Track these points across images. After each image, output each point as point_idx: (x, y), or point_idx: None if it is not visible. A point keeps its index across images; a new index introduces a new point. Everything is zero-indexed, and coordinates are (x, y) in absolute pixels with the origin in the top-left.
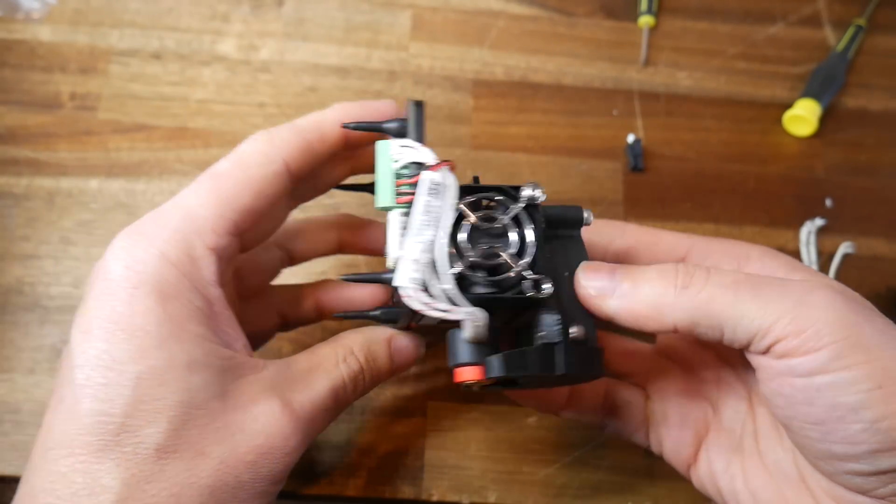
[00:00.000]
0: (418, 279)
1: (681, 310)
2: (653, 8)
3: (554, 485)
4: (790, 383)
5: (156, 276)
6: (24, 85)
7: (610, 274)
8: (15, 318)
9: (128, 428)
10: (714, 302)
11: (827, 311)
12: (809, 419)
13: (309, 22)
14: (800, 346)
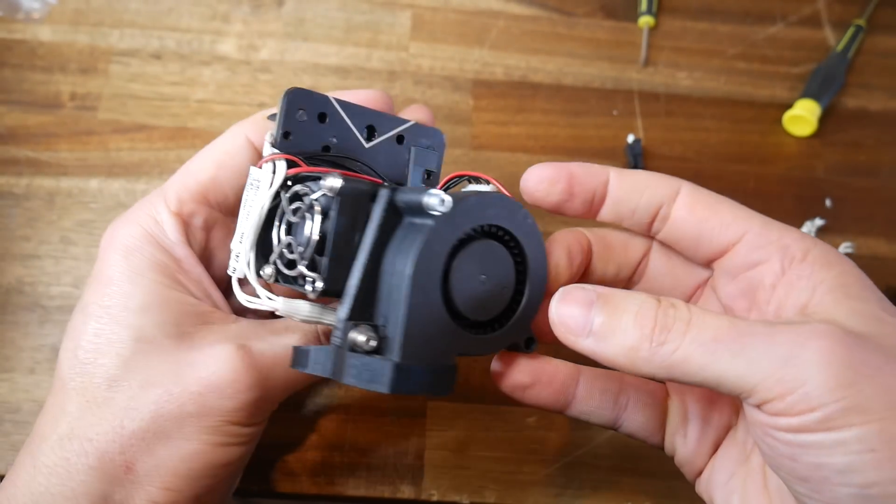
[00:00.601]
0: (242, 271)
1: (656, 367)
2: (653, 8)
3: (554, 485)
4: (773, 436)
5: (125, 237)
6: (25, 85)
7: (586, 304)
8: (15, 317)
9: (85, 360)
10: (690, 362)
11: (820, 372)
12: (794, 474)
13: (309, 22)
14: (787, 408)
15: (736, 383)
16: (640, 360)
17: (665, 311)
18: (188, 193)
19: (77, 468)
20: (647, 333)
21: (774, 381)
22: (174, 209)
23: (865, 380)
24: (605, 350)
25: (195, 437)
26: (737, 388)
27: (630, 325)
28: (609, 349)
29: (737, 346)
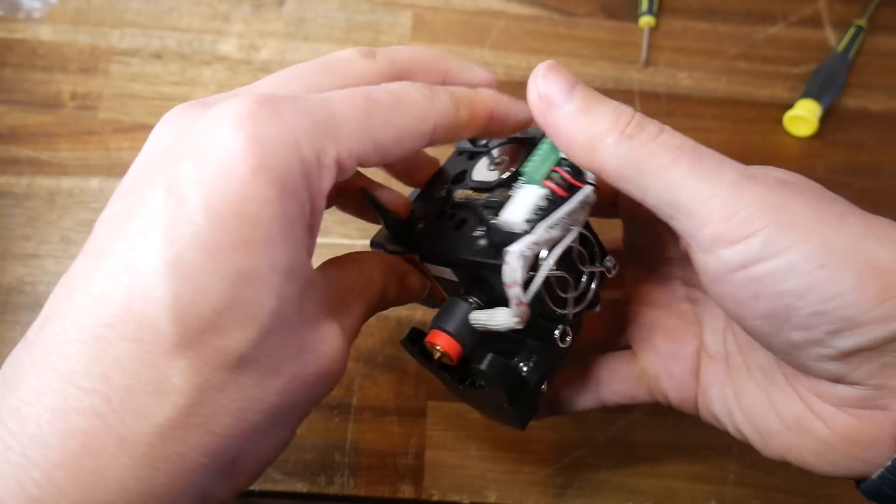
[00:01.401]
0: (526, 256)
1: (614, 156)
2: (653, 8)
3: (554, 485)
4: (731, 280)
5: (283, 165)
6: (25, 84)
7: (570, 86)
8: (16, 317)
9: (216, 328)
10: (650, 161)
11: (759, 196)
12: (759, 314)
13: (310, 22)
14: (727, 233)
15: (687, 201)
16: (602, 147)
17: (641, 118)
18: (359, 150)
19: (189, 464)
20: (620, 124)
21: (720, 200)
22: (341, 156)
23: (796, 199)
24: (573, 128)
25: (291, 426)
26: (687, 207)
27: (608, 112)
28: (576, 129)
29: (696, 162)
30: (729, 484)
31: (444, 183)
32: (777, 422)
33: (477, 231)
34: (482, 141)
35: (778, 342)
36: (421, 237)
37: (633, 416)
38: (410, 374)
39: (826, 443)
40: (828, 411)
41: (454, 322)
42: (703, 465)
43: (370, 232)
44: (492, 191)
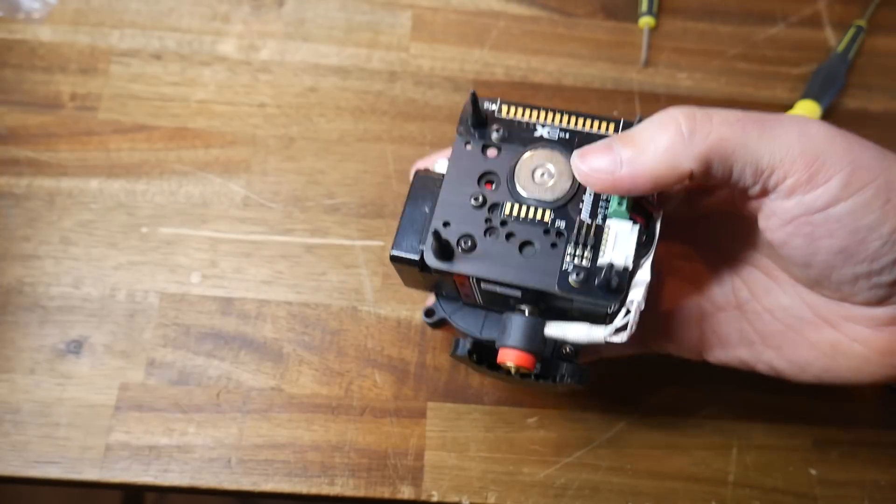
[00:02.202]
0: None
1: (692, 156)
2: (653, 8)
3: (554, 485)
4: (808, 221)
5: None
6: (25, 85)
7: (607, 149)
8: (15, 318)
9: None
10: (726, 142)
11: (827, 142)
12: (833, 250)
13: (309, 22)
14: (810, 179)
15: (763, 158)
16: (680, 155)
17: (684, 111)
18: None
19: None
20: (676, 131)
21: (798, 152)
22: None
23: (858, 146)
24: (644, 166)
25: None
26: (763, 163)
27: (656, 134)
28: (647, 163)
29: (759, 127)
30: (729, 484)
31: (466, 183)
32: (811, 350)
33: (565, 263)
34: (494, 132)
35: (841, 275)
36: (474, 258)
37: (633, 416)
38: (410, 374)
39: (864, 359)
40: (864, 333)
41: (528, 340)
42: (703, 465)
43: (370, 233)
44: (555, 211)
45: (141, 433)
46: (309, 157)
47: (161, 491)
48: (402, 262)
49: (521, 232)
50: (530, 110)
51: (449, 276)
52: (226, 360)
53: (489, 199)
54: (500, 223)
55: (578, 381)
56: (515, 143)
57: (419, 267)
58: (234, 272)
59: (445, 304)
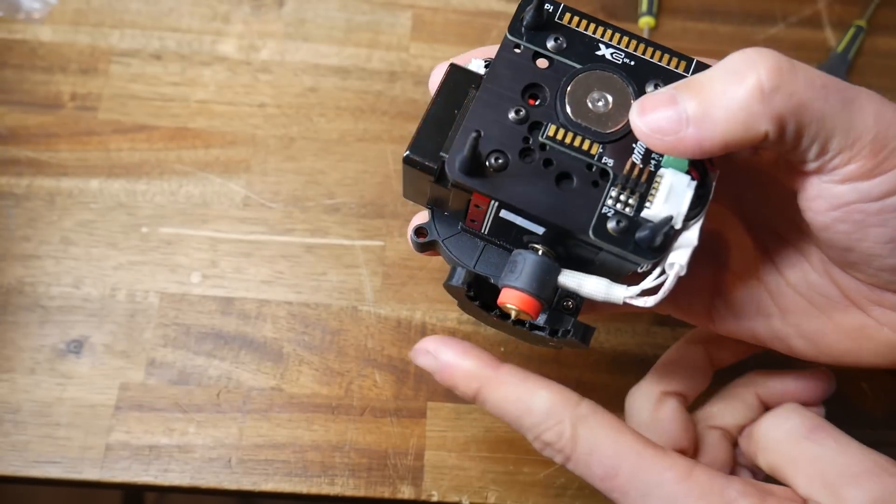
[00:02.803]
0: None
1: (770, 117)
2: (653, 8)
3: (554, 485)
4: (860, 209)
5: None
6: (25, 85)
7: (670, 101)
8: (15, 318)
9: None
10: (805, 109)
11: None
12: (881, 239)
13: (309, 22)
14: (876, 166)
15: (840, 142)
16: (757, 115)
17: (766, 59)
18: None
19: None
20: (755, 85)
21: (871, 138)
22: None
23: None
24: (714, 127)
25: None
26: (838, 146)
27: (730, 86)
28: (718, 123)
29: (841, 100)
30: None
31: (508, 93)
32: (836, 331)
33: (606, 207)
34: (552, 39)
35: (882, 264)
36: (503, 180)
37: None
38: (410, 374)
39: (890, 345)
40: (894, 318)
41: (539, 284)
42: None
43: (370, 233)
44: (603, 145)
45: (141, 433)
46: (309, 157)
47: (161, 491)
48: (416, 166)
49: (561, 161)
50: (596, 25)
51: (466, 194)
52: (226, 360)
53: (532, 115)
54: (540, 147)
55: (582, 340)
56: (572, 58)
57: (435, 177)
58: (235, 272)
59: (441, 225)
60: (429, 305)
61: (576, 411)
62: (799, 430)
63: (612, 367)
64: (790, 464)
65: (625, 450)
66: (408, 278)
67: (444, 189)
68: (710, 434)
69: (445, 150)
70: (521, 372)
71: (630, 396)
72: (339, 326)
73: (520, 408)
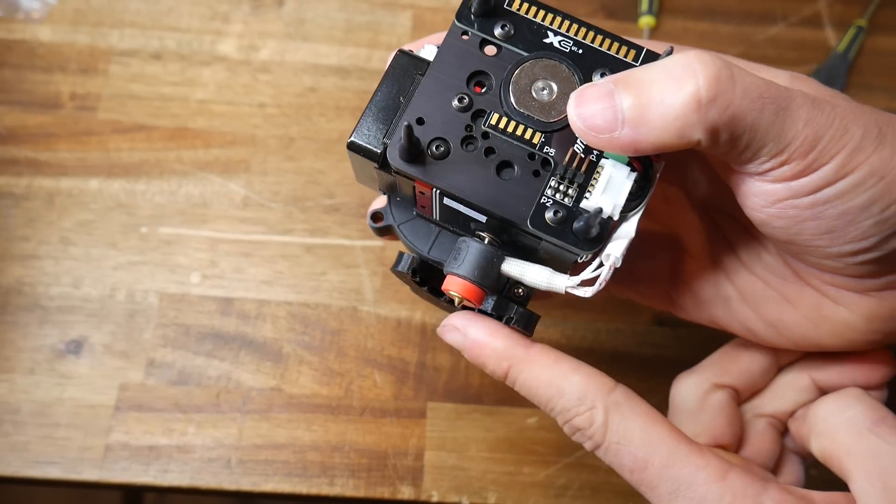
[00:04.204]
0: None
1: (704, 127)
2: (653, 8)
3: (554, 486)
4: (793, 205)
5: None
6: (25, 85)
7: (607, 96)
8: (15, 318)
9: None
10: (738, 121)
11: (831, 126)
12: (818, 231)
13: (309, 22)
14: (807, 166)
15: (773, 149)
16: (692, 125)
17: (706, 68)
18: None
19: None
20: (693, 95)
21: (800, 142)
22: None
23: (850, 125)
24: (649, 131)
25: None
26: (770, 153)
27: (668, 92)
28: (653, 128)
29: (775, 109)
30: None
31: (453, 80)
32: (794, 314)
33: (544, 197)
34: (499, 27)
35: (826, 253)
36: (444, 167)
37: None
38: (410, 374)
39: (848, 325)
40: (850, 298)
41: (481, 272)
42: None
43: (370, 233)
44: (545, 134)
45: (141, 433)
46: (309, 157)
47: (161, 491)
48: (360, 151)
49: (502, 150)
50: (546, 12)
51: (409, 181)
52: (226, 360)
53: (476, 103)
54: (482, 135)
55: (525, 328)
56: (519, 45)
57: (378, 163)
58: (234, 272)
59: (396, 210)
60: (429, 306)
61: (609, 397)
62: (862, 420)
63: (612, 367)
64: (848, 456)
65: (657, 442)
66: None
67: (390, 175)
68: (756, 423)
69: (389, 136)
70: (553, 352)
71: (678, 382)
72: (339, 326)
73: (551, 390)
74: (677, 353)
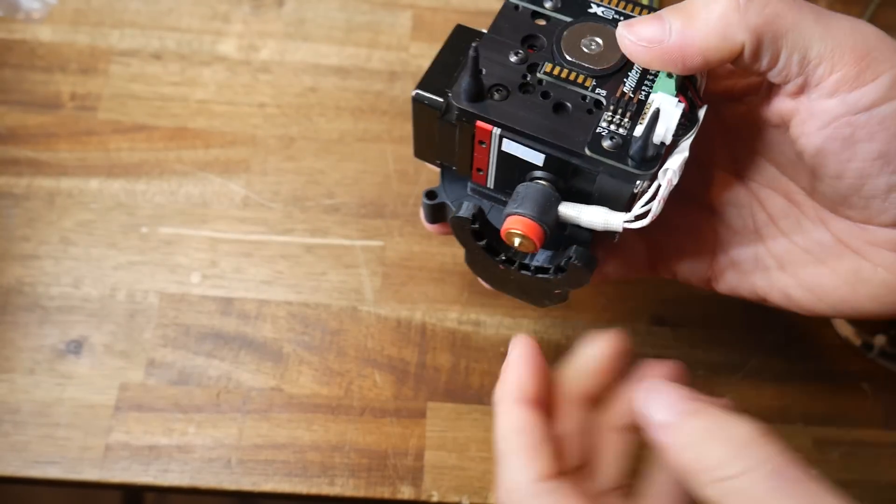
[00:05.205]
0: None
1: (746, 27)
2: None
3: None
4: (850, 122)
5: None
6: (25, 85)
7: (656, 18)
8: (15, 318)
9: None
10: (781, 19)
11: (880, 41)
12: (871, 154)
13: (309, 22)
14: (857, 75)
15: (818, 51)
16: (733, 26)
17: None
18: None
19: None
20: (731, 0)
21: (850, 45)
22: None
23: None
24: (695, 36)
25: None
26: (818, 55)
27: (710, 2)
28: (698, 33)
29: (815, 13)
30: None
31: (509, 41)
32: (832, 277)
33: (600, 128)
34: (547, 3)
35: (873, 185)
36: (505, 107)
37: None
38: (410, 374)
39: (887, 287)
40: (888, 258)
41: (541, 209)
42: None
43: (370, 233)
44: (596, 79)
45: (141, 433)
46: (309, 157)
47: (161, 491)
48: (424, 104)
49: (558, 93)
50: None
51: (470, 131)
52: (226, 360)
53: (530, 59)
54: (538, 82)
55: (586, 266)
56: (567, 14)
57: (442, 112)
58: (234, 272)
59: (450, 187)
60: (429, 305)
61: None
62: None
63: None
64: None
65: None
66: (408, 278)
67: (451, 127)
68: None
69: (450, 88)
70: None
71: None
72: (339, 326)
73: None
74: (677, 353)
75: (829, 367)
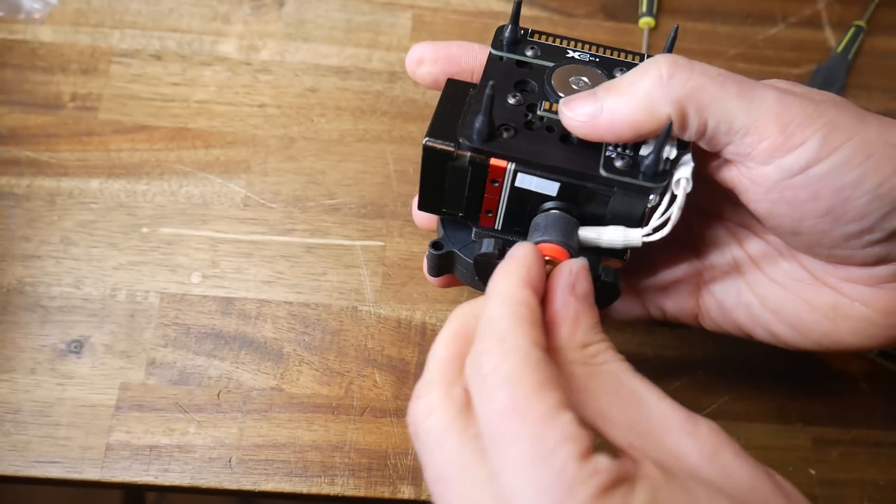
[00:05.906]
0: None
1: (670, 99)
2: (653, 9)
3: None
4: (790, 185)
5: None
6: (26, 85)
7: (591, 96)
8: (16, 318)
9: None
10: (702, 91)
11: (802, 107)
12: (818, 213)
13: (310, 23)
14: (786, 141)
15: (743, 121)
16: (657, 100)
17: (667, 58)
18: None
19: None
20: (656, 76)
21: (773, 114)
22: None
23: (832, 108)
24: (623, 111)
25: None
26: (738, 122)
27: (637, 79)
28: (626, 108)
29: (738, 86)
30: None
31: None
32: (812, 313)
33: (608, 151)
34: (529, 49)
35: (830, 238)
36: (515, 143)
37: None
38: (410, 374)
39: (866, 321)
40: (865, 293)
41: (565, 234)
42: None
43: (370, 233)
44: None
45: (141, 433)
46: (309, 157)
47: (161, 491)
48: (436, 150)
49: (560, 127)
50: (561, 39)
51: (482, 172)
52: (226, 360)
53: (527, 99)
54: (539, 119)
55: (614, 280)
56: (548, 60)
57: (454, 155)
58: (235, 272)
59: (453, 236)
60: (429, 305)
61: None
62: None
63: None
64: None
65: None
66: (408, 278)
67: (461, 171)
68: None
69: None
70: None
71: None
72: (339, 326)
73: None
74: (677, 353)
75: (828, 366)
